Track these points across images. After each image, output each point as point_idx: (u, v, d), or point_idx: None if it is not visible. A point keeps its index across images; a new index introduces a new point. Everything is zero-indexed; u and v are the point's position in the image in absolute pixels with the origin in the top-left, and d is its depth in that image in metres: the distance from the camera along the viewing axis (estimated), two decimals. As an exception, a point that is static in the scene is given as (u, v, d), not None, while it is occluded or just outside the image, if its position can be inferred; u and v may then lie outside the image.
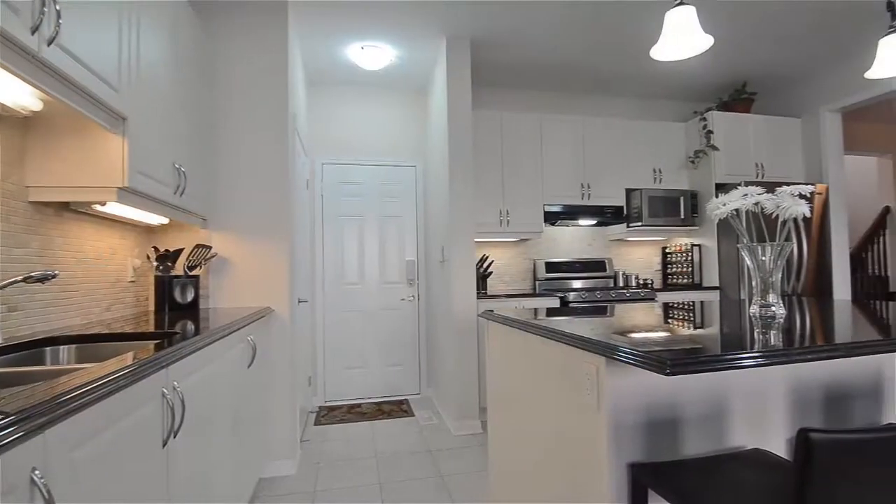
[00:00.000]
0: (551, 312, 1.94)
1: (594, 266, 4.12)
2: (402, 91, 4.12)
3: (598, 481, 1.19)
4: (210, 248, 2.43)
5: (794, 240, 3.76)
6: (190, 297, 2.36)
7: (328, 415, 3.57)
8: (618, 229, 4.12)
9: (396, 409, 3.70)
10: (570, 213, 3.86)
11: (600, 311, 1.97)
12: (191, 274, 2.38)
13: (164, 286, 2.29)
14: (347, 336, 3.95)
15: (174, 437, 1.21)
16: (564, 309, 2.15)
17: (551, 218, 3.86)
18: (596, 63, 3.72)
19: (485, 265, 3.72)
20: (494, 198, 3.70)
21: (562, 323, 1.52)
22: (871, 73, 1.93)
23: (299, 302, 2.94)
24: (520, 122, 3.79)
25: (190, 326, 1.72)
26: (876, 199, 5.71)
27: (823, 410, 1.40)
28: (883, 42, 1.89)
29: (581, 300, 3.48)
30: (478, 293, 3.47)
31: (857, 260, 5.42)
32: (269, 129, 2.61)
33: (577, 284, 4.06)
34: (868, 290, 5.40)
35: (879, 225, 5.50)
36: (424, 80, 3.96)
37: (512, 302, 3.40)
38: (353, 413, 3.61)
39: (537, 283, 4.01)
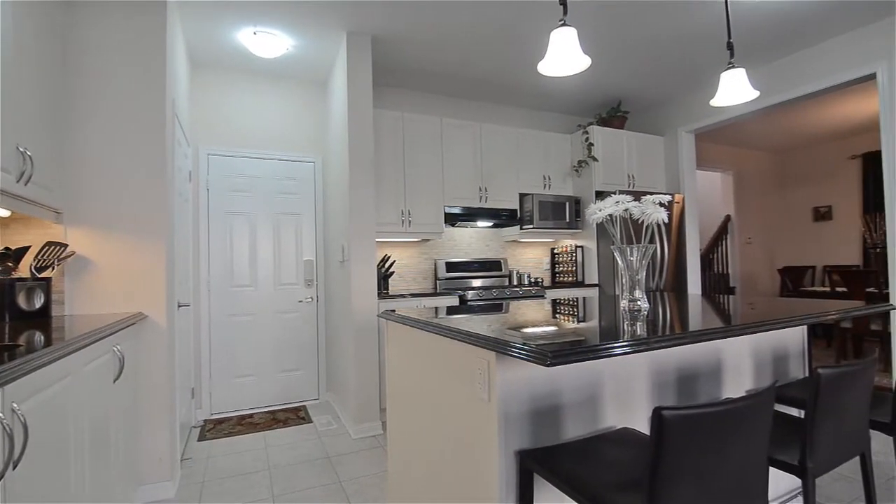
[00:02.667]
0: (451, 311, 1.99)
1: (491, 266, 4.32)
2: (300, 82, 3.94)
3: (489, 470, 1.25)
4: (65, 245, 2.10)
5: (657, 242, 4.30)
6: (39, 303, 2.02)
7: (214, 428, 3.29)
8: (512, 231, 4.36)
9: (293, 416, 3.52)
10: (469, 215, 4.00)
11: (496, 309, 2.07)
12: (40, 276, 2.04)
13: (3, 291, 1.93)
14: (237, 342, 3.67)
15: (13, 468, 1.03)
16: (463, 307, 2.23)
17: (451, 219, 3.96)
18: (492, 72, 3.90)
19: (387, 265, 3.71)
20: (396, 198, 3.70)
21: (460, 321, 1.57)
22: (715, 102, 2.28)
23: (179, 306, 2.67)
24: (422, 124, 3.84)
25: (37, 337, 1.48)
26: (720, 208, 6.76)
27: (677, 390, 1.62)
28: (724, 76, 2.23)
29: (479, 298, 3.63)
30: (379, 293, 3.45)
31: (706, 260, 6.36)
32: (143, 114, 2.33)
33: (475, 283, 4.22)
34: (714, 285, 6.35)
35: (723, 231, 6.52)
36: (325, 73, 3.83)
37: (413, 301, 3.43)
38: (244, 424, 3.37)
39: (438, 282, 4.09)
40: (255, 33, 3.12)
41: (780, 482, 2.01)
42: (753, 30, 3.29)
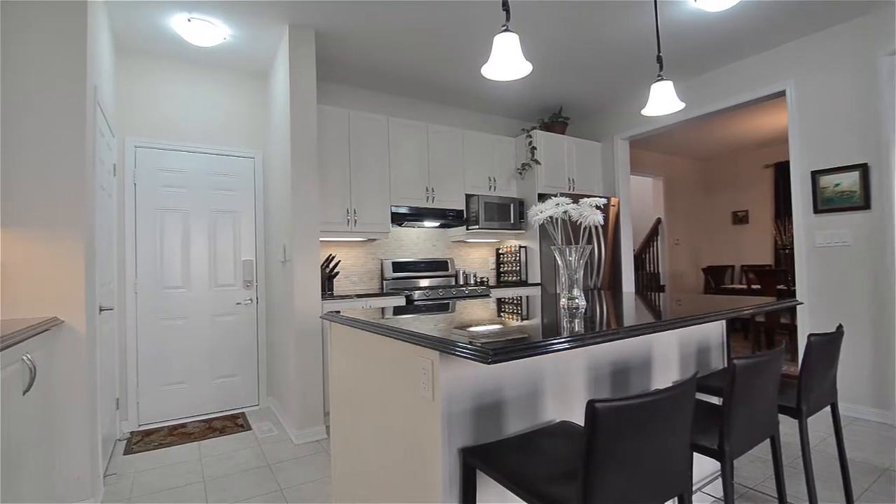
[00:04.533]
0: (398, 311, 1.98)
1: (438, 265, 4.34)
2: (239, 74, 3.77)
3: (433, 468, 1.26)
4: (-36, 245, 1.89)
5: (595, 243, 4.51)
6: (-70, 309, 1.80)
7: (143, 440, 3.08)
8: (458, 231, 4.41)
9: (231, 424, 3.36)
10: (416, 215, 4.00)
11: (443, 308, 2.09)
12: (-69, 279, 1.82)
13: None
14: (168, 347, 3.45)
15: None
16: (410, 307, 2.22)
17: (398, 219, 3.94)
18: (439, 73, 3.92)
19: (331, 265, 3.63)
20: (341, 196, 3.63)
21: (406, 321, 1.57)
22: (646, 111, 2.42)
23: (101, 310, 2.47)
24: (368, 122, 3.79)
25: (-72, 348, 1.32)
26: (652, 211, 7.19)
27: (611, 382, 1.71)
28: (654, 87, 2.38)
29: (426, 298, 3.64)
30: (324, 294, 3.37)
31: (639, 260, 6.75)
32: (60, 101, 2.13)
33: (422, 283, 4.23)
34: (646, 283, 6.75)
35: (654, 232, 6.94)
36: (266, 65, 3.68)
37: (359, 302, 3.38)
38: (176, 435, 3.17)
39: (385, 282, 4.06)
40: (189, 20, 2.95)
41: (703, 465, 2.17)
42: (681, 46, 3.53)
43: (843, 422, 3.11)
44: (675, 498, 1.07)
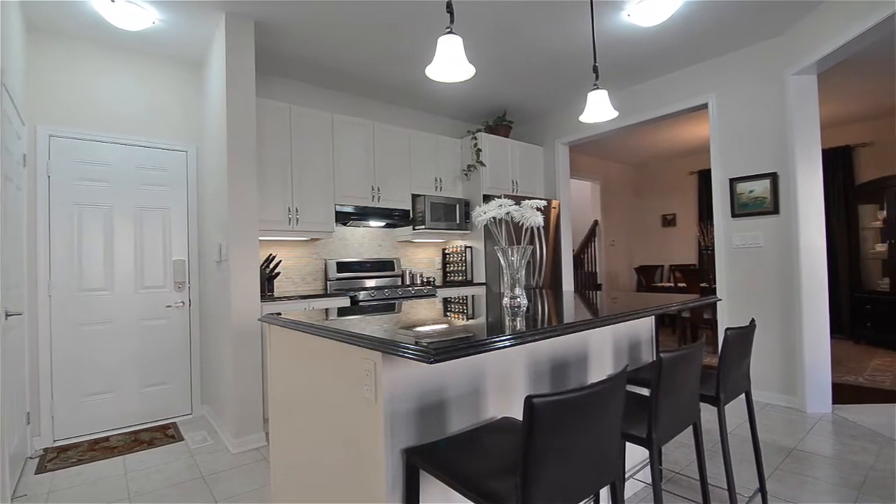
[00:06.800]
0: (342, 312, 1.95)
1: (383, 265, 4.31)
2: (172, 62, 3.54)
3: (376, 470, 1.25)
4: None
5: (536, 244, 4.66)
6: None
7: (59, 457, 2.82)
8: (405, 231, 4.40)
9: (160, 435, 3.16)
10: (362, 215, 3.95)
11: (389, 309, 2.08)
12: None
13: None
14: (89, 355, 3.18)
15: None
16: (355, 308, 2.19)
17: (343, 218, 3.87)
18: (385, 71, 3.88)
19: (271, 265, 3.50)
20: (283, 194, 3.51)
21: (351, 322, 1.54)
22: (583, 118, 2.53)
23: (7, 315, 2.24)
24: (312, 119, 3.69)
25: None
26: (589, 214, 7.53)
27: (551, 378, 1.78)
28: (590, 95, 2.50)
29: (371, 298, 3.60)
30: (263, 295, 3.25)
31: (579, 259, 7.04)
32: (-46, 82, 1.91)
33: (368, 283, 4.18)
34: (585, 282, 7.06)
35: (592, 234, 7.27)
36: (201, 53, 3.48)
37: (302, 303, 3.28)
38: (98, 449, 2.93)
39: (329, 283, 3.97)
40: (112, 0, 2.73)
41: (634, 453, 2.30)
42: (616, 58, 3.72)
43: (756, 407, 3.41)
44: (608, 485, 1.13)
